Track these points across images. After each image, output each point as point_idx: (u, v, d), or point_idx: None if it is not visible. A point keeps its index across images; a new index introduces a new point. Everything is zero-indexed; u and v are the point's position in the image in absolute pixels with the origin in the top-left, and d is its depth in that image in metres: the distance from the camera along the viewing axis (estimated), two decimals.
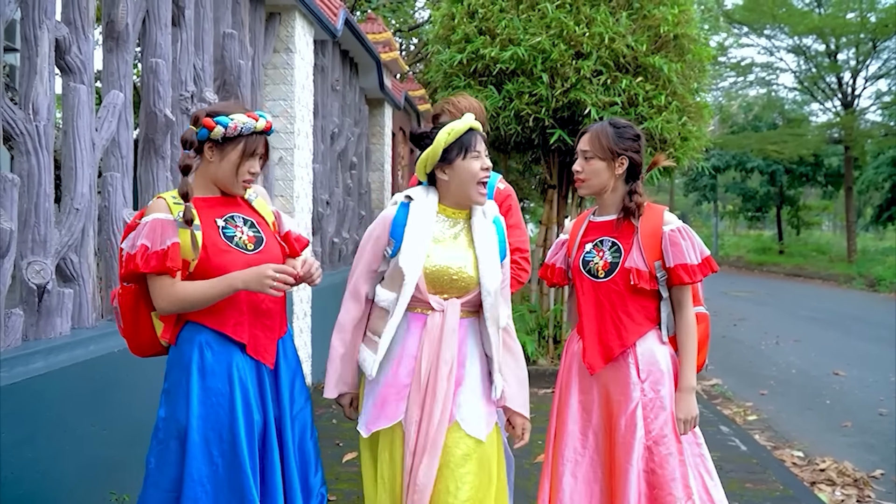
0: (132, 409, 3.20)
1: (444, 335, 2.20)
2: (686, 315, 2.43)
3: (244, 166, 2.21)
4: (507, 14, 6.01)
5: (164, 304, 2.14)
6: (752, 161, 27.61)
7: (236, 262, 2.16)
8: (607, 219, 2.50)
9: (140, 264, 2.06)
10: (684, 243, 2.38)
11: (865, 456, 4.97)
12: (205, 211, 2.20)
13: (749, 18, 23.08)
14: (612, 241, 2.45)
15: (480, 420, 2.23)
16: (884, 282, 17.54)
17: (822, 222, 43.83)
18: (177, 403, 2.17)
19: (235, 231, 2.22)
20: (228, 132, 2.16)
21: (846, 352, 8.91)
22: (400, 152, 11.49)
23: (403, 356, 2.23)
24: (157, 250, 2.07)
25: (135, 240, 2.10)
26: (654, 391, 2.36)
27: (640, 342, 2.40)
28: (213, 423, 2.14)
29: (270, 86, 5.50)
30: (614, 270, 2.40)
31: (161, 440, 2.19)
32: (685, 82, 6.22)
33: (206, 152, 2.21)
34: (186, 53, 4.05)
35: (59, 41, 3.04)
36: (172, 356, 2.23)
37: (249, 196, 2.35)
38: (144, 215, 2.17)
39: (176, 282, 2.12)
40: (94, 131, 3.25)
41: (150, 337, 2.29)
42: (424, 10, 18.11)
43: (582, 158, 2.45)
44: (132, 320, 2.26)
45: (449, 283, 2.24)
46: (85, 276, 3.16)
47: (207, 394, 2.15)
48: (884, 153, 24.21)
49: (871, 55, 22.23)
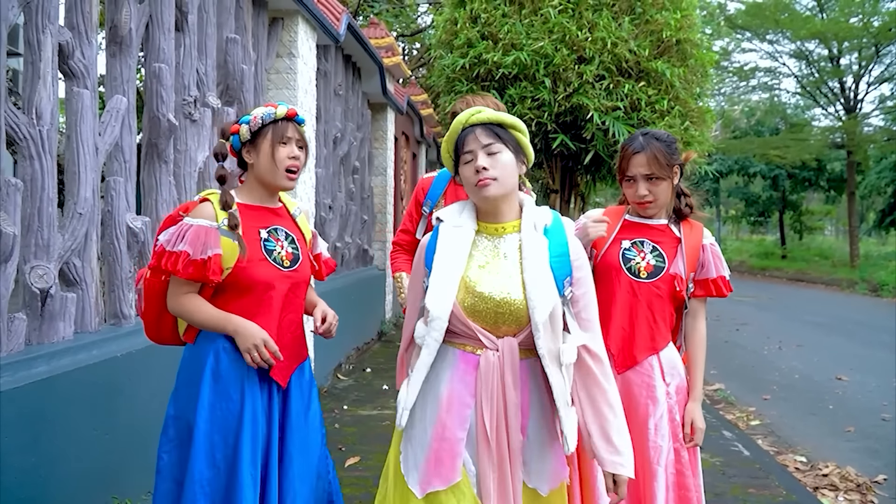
0: (134, 414, 3.21)
1: (506, 380, 1.85)
2: (700, 326, 2.49)
3: (279, 153, 2.24)
4: (510, 19, 6.03)
5: (172, 304, 2.22)
6: (754, 166, 27.61)
7: (270, 276, 2.21)
8: (649, 222, 2.48)
9: (180, 270, 2.10)
10: (721, 258, 2.48)
11: (868, 461, 4.95)
12: (250, 219, 2.24)
13: (751, 23, 23.07)
14: (654, 244, 2.44)
15: (543, 474, 1.91)
16: (886, 287, 17.51)
17: (825, 227, 43.79)
18: (187, 403, 2.20)
19: (276, 245, 2.26)
20: (252, 126, 2.24)
21: (849, 357, 8.89)
22: (402, 157, 11.50)
23: (453, 404, 1.88)
24: (197, 259, 2.10)
25: (176, 240, 2.13)
26: (677, 395, 2.41)
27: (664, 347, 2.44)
28: (220, 427, 2.15)
29: (273, 90, 5.51)
30: (658, 274, 2.40)
31: (171, 438, 2.22)
32: (687, 87, 6.23)
33: (245, 157, 2.29)
34: (189, 58, 4.06)
35: (62, 46, 3.05)
36: (188, 355, 2.26)
37: (294, 211, 2.40)
38: (189, 212, 2.20)
39: (191, 291, 2.18)
40: (98, 136, 3.26)
41: (171, 328, 2.35)
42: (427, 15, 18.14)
43: (645, 181, 2.40)
44: (156, 308, 2.30)
45: (495, 317, 1.86)
46: (88, 281, 3.17)
47: (218, 398, 2.16)
48: (886, 158, 24.19)
49: (873, 60, 22.23)
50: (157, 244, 2.16)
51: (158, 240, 2.17)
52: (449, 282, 1.85)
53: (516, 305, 1.85)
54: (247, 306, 2.19)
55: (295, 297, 2.28)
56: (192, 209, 2.23)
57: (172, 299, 2.20)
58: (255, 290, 2.19)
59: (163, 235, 2.17)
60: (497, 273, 1.89)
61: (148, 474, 3.27)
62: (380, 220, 9.68)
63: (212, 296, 2.20)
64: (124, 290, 3.42)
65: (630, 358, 2.42)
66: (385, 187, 9.71)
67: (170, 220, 2.24)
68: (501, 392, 1.84)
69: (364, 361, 7.33)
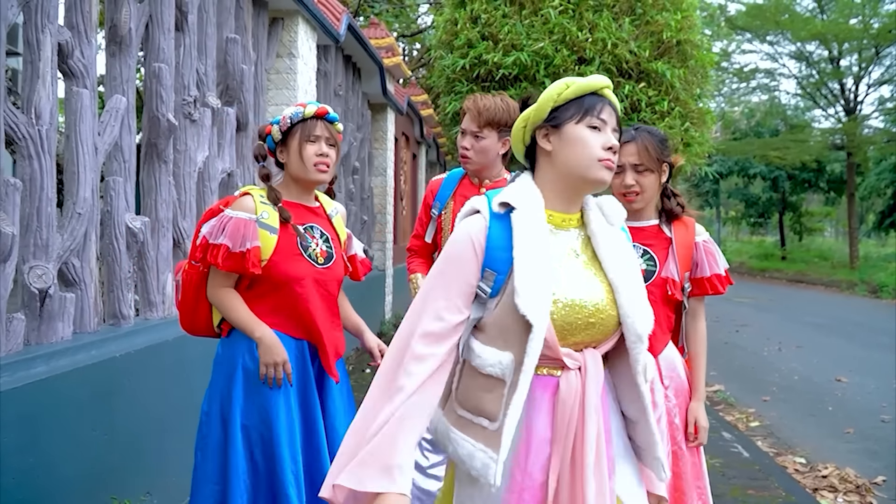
0: (134, 415, 3.20)
1: (588, 402, 1.51)
2: (700, 325, 2.48)
3: (307, 150, 2.29)
4: (510, 19, 6.02)
5: (211, 295, 2.29)
6: (754, 167, 27.60)
7: (304, 272, 2.27)
8: (637, 224, 2.44)
9: (220, 262, 2.16)
10: (717, 254, 2.43)
11: (868, 462, 4.95)
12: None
13: (752, 24, 23.07)
14: (644, 248, 2.40)
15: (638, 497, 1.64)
16: (886, 288, 17.50)
17: (825, 228, 43.79)
18: (222, 400, 2.24)
19: (311, 242, 2.32)
20: (282, 126, 2.30)
21: (848, 358, 8.89)
22: (402, 157, 11.49)
23: (532, 443, 1.53)
24: (236, 252, 2.16)
25: (217, 233, 2.18)
26: (676, 397, 2.39)
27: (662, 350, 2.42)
28: (256, 423, 2.20)
29: (273, 91, 5.51)
30: (649, 279, 2.35)
31: (205, 435, 2.27)
32: (688, 88, 6.22)
33: (279, 157, 2.35)
34: (189, 58, 4.05)
35: (61, 45, 3.05)
36: (222, 351, 2.31)
37: (331, 212, 2.46)
38: (230, 205, 2.25)
39: (229, 285, 2.25)
40: (97, 136, 3.25)
41: (206, 319, 2.39)
42: (427, 16, 18.14)
43: (633, 172, 2.37)
44: (193, 299, 2.35)
45: (584, 327, 1.55)
46: (87, 281, 3.16)
47: (254, 395, 2.21)
48: (886, 159, 24.18)
49: (873, 61, 22.23)
50: (201, 236, 2.22)
51: (201, 231, 2.23)
52: (545, 287, 1.49)
53: (608, 313, 1.56)
54: (281, 299, 2.26)
55: (328, 293, 2.34)
56: (232, 202, 2.29)
57: (212, 290, 2.28)
58: (289, 284, 2.25)
59: (205, 227, 2.22)
60: (578, 276, 1.58)
61: (147, 474, 3.27)
62: (379, 220, 9.68)
63: (247, 287, 2.26)
64: (123, 290, 3.41)
65: None
66: (385, 188, 9.71)
67: (210, 213, 2.30)
68: (580, 418, 1.52)
69: (363, 362, 7.32)
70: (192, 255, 2.28)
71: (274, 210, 2.25)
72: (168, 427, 3.44)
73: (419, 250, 3.08)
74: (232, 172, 4.57)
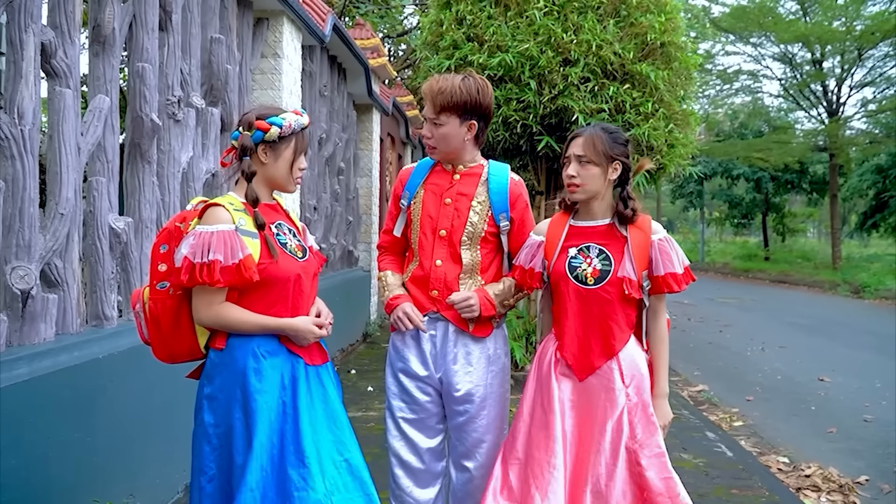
0: (116, 416, 3.18)
1: None
2: (660, 323, 2.48)
3: (297, 163, 2.29)
4: (495, 21, 6.03)
5: (205, 317, 2.17)
6: (738, 168, 27.77)
7: (292, 268, 2.23)
8: (592, 224, 2.49)
9: (218, 279, 2.06)
10: (672, 253, 2.42)
11: (850, 462, 4.99)
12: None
13: (736, 26, 23.20)
14: (600, 248, 2.44)
15: None
16: (868, 288, 17.66)
17: (808, 229, 44.09)
18: (230, 409, 2.16)
19: (286, 238, 2.29)
20: (283, 132, 2.22)
21: (831, 358, 8.97)
22: (388, 158, 11.48)
23: None
24: (230, 265, 2.08)
25: (202, 251, 2.08)
26: (637, 396, 2.39)
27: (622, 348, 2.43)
28: (269, 431, 2.13)
29: (258, 91, 5.49)
30: (605, 278, 2.40)
31: (215, 447, 2.17)
32: (672, 90, 6.25)
33: (258, 155, 2.25)
34: (173, 58, 4.04)
35: (44, 45, 3.02)
36: (220, 361, 2.20)
37: (287, 207, 2.43)
38: (205, 222, 2.14)
39: (223, 300, 2.15)
40: (80, 136, 3.23)
41: (189, 344, 2.27)
42: (413, 17, 18.13)
43: (576, 163, 2.42)
44: (171, 325, 2.24)
45: None
46: (70, 282, 3.14)
47: (266, 401, 2.14)
48: (868, 161, 24.39)
49: (856, 63, 22.40)
50: (181, 257, 2.10)
51: (180, 252, 2.11)
52: None
53: None
54: (276, 301, 2.21)
55: (312, 286, 2.33)
56: (190, 218, 2.21)
57: (205, 311, 2.15)
58: (281, 283, 2.21)
59: (184, 249, 2.10)
60: None
61: (130, 476, 3.25)
62: (365, 221, 9.67)
63: (237, 298, 2.18)
64: (106, 291, 3.39)
65: (588, 365, 2.43)
66: (370, 188, 9.70)
67: (166, 233, 2.21)
68: None
69: (349, 363, 7.31)
70: (160, 278, 2.19)
71: (248, 216, 2.19)
72: (151, 429, 3.42)
73: (389, 247, 2.79)
74: (216, 173, 4.55)
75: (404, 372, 2.62)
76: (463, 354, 2.58)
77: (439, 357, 2.59)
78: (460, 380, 2.57)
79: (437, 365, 2.59)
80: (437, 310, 2.59)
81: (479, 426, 2.59)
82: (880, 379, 7.69)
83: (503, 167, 2.66)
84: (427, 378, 2.60)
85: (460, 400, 2.57)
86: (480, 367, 2.59)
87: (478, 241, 2.59)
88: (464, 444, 2.61)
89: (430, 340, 2.60)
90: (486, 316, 2.55)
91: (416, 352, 2.61)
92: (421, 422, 2.63)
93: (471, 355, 2.58)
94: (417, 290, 2.62)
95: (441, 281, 2.58)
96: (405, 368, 2.62)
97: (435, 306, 2.59)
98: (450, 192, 2.61)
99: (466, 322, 2.57)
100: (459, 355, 2.58)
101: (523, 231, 2.64)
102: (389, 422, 2.67)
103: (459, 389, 2.56)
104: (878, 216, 23.10)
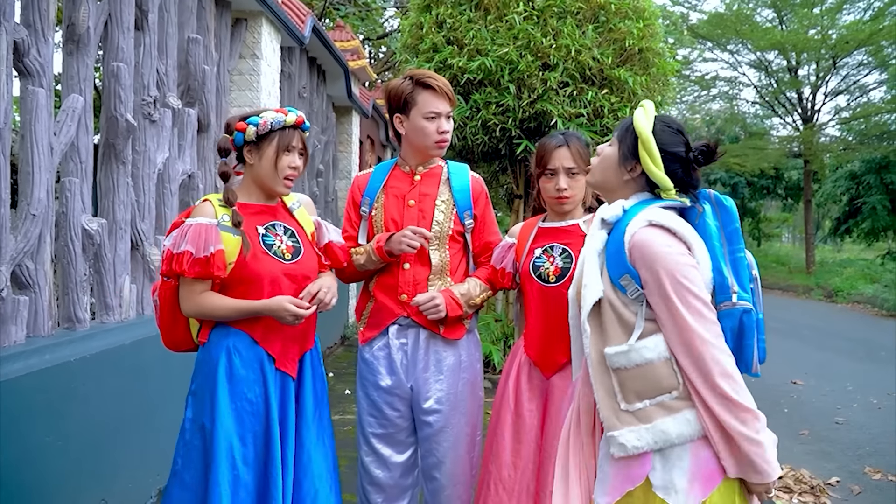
0: (90, 420, 3.14)
1: None
2: None
3: (282, 161, 2.27)
4: (475, 25, 6.04)
5: (188, 307, 2.23)
6: (714, 173, 28.05)
7: (272, 270, 2.24)
8: (558, 225, 2.56)
9: (186, 269, 2.12)
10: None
11: (822, 464, 5.05)
12: (247, 217, 2.26)
13: (713, 33, 23.43)
14: (563, 247, 2.50)
15: None
16: (841, 293, 17.90)
17: (782, 234, 44.61)
18: (203, 406, 2.20)
19: (275, 240, 2.28)
20: (260, 130, 2.24)
21: (804, 361, 9.07)
22: (367, 160, 11.46)
23: None
24: (200, 257, 2.12)
25: (179, 242, 2.15)
26: None
27: None
28: (238, 428, 2.16)
29: (236, 92, 5.45)
30: (565, 276, 2.45)
31: (187, 441, 2.21)
32: (650, 95, 6.30)
33: (246, 156, 2.28)
34: (149, 58, 4.00)
35: (17, 43, 2.98)
36: (201, 357, 2.27)
37: (292, 205, 2.42)
38: (191, 215, 2.22)
39: (205, 290, 2.20)
40: (53, 135, 3.19)
41: (184, 333, 2.36)
42: (393, 19, 18.13)
43: (566, 176, 2.47)
44: (170, 315, 2.32)
45: None
46: (41, 284, 3.09)
47: (234, 399, 2.18)
48: (842, 167, 24.72)
49: (830, 71, 22.71)
50: (164, 249, 2.19)
51: (164, 245, 2.20)
52: None
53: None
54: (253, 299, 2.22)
55: (300, 288, 2.30)
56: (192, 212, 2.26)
57: (187, 302, 2.22)
58: (258, 283, 2.22)
59: (167, 240, 2.19)
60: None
61: (103, 481, 3.21)
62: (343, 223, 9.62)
63: (219, 293, 2.23)
64: (78, 293, 3.35)
65: (553, 363, 2.47)
66: None
67: (174, 225, 2.26)
68: None
69: (327, 366, 7.28)
70: (160, 270, 2.26)
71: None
72: (124, 433, 3.38)
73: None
74: (193, 174, 4.51)
75: (374, 386, 2.62)
76: (434, 362, 2.58)
77: (410, 366, 2.59)
78: (430, 388, 2.56)
79: (408, 374, 2.59)
80: (407, 314, 2.58)
81: (449, 436, 2.59)
82: (852, 382, 7.79)
83: (462, 166, 2.70)
84: (397, 390, 2.59)
85: (429, 410, 2.57)
86: (451, 375, 2.59)
87: (446, 241, 2.59)
88: (433, 455, 2.61)
89: (400, 349, 2.59)
90: (454, 316, 2.55)
91: (386, 363, 2.60)
92: (390, 437, 2.63)
93: (442, 363, 2.58)
94: (385, 297, 2.61)
95: (410, 284, 2.57)
96: (375, 382, 2.61)
97: (405, 311, 2.58)
98: (412, 193, 2.62)
99: (437, 324, 2.56)
100: (430, 363, 2.58)
101: (486, 229, 2.67)
102: (360, 437, 2.68)
103: (429, 398, 2.56)
104: (851, 222, 23.39)
